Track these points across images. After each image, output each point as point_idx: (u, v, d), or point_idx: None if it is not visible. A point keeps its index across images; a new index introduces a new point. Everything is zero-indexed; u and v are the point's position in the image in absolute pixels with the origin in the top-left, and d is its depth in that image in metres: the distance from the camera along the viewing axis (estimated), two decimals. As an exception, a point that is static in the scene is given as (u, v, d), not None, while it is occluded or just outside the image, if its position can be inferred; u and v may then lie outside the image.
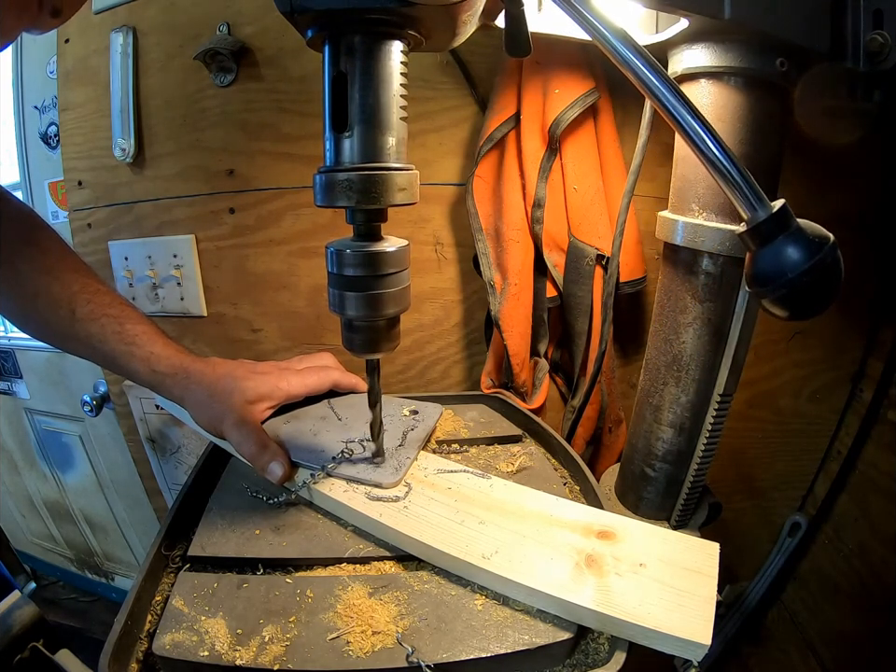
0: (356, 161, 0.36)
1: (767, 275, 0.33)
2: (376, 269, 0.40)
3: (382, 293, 0.40)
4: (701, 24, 0.44)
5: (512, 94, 0.66)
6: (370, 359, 0.46)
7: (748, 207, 0.33)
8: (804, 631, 0.81)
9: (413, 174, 0.38)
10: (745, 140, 0.47)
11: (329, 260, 0.41)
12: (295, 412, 0.59)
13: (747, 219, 0.34)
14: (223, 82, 0.75)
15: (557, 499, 0.48)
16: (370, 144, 0.36)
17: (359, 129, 0.35)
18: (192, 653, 0.36)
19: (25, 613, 0.43)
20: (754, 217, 0.33)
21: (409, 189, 0.38)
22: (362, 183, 0.36)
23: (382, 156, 0.36)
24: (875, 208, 0.69)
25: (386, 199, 0.37)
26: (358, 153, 0.36)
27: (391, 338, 0.44)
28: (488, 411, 0.67)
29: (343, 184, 0.36)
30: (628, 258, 0.69)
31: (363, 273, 0.40)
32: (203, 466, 0.55)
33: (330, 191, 0.37)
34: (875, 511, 0.72)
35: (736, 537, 0.85)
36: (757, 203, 0.33)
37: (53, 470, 1.31)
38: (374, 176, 0.36)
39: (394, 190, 0.37)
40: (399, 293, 0.42)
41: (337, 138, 0.36)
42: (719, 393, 0.53)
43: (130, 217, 0.85)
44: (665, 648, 0.36)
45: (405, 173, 0.38)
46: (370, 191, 0.36)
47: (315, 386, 0.60)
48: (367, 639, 0.36)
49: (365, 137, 0.36)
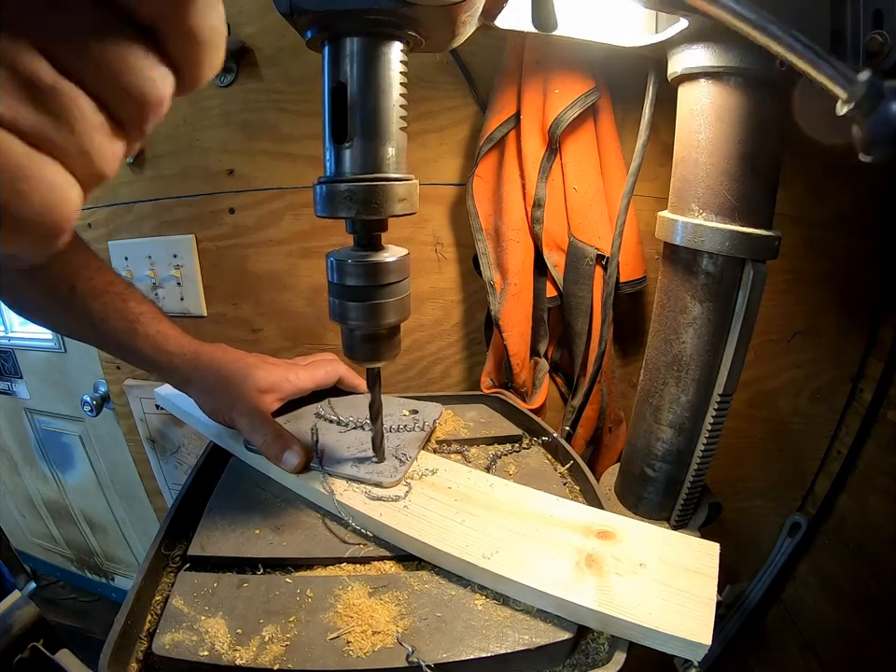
0: (356, 171, 0.36)
1: (891, 132, 0.33)
2: (377, 279, 0.40)
3: (383, 303, 0.41)
4: (701, 24, 0.44)
5: (512, 94, 0.66)
6: (371, 368, 0.46)
7: (845, 85, 0.33)
8: (804, 631, 0.81)
9: (412, 184, 0.39)
10: (745, 140, 0.47)
11: (330, 270, 0.41)
12: (296, 411, 0.59)
13: (846, 97, 0.33)
14: (223, 82, 0.75)
15: (557, 499, 0.48)
16: (370, 155, 0.36)
17: (359, 140, 0.36)
18: (192, 653, 0.36)
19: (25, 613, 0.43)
20: (853, 91, 0.33)
21: (409, 200, 0.38)
22: (363, 194, 0.36)
23: (382, 166, 0.37)
24: (875, 208, 0.69)
25: (387, 209, 0.37)
26: (359, 164, 0.36)
27: (392, 346, 0.44)
28: (488, 411, 0.67)
29: (345, 195, 0.36)
30: (628, 258, 0.69)
31: (364, 283, 0.40)
32: (202, 466, 0.55)
33: (331, 202, 0.37)
34: (875, 510, 0.72)
35: (736, 537, 0.85)
36: (851, 79, 0.33)
37: (53, 470, 1.31)
38: (375, 188, 0.36)
39: (394, 201, 0.37)
40: (399, 302, 0.42)
41: (337, 149, 0.36)
42: (719, 393, 0.53)
43: (130, 216, 0.85)
44: (666, 648, 0.36)
45: (405, 183, 0.38)
46: (370, 202, 0.36)
47: (323, 380, 0.59)
48: (367, 639, 0.36)
49: (365, 148, 0.36)
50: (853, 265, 0.72)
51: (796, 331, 0.76)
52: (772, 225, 0.51)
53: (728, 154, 0.48)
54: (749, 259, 0.49)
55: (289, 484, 0.51)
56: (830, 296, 0.74)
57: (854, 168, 0.67)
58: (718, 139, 0.48)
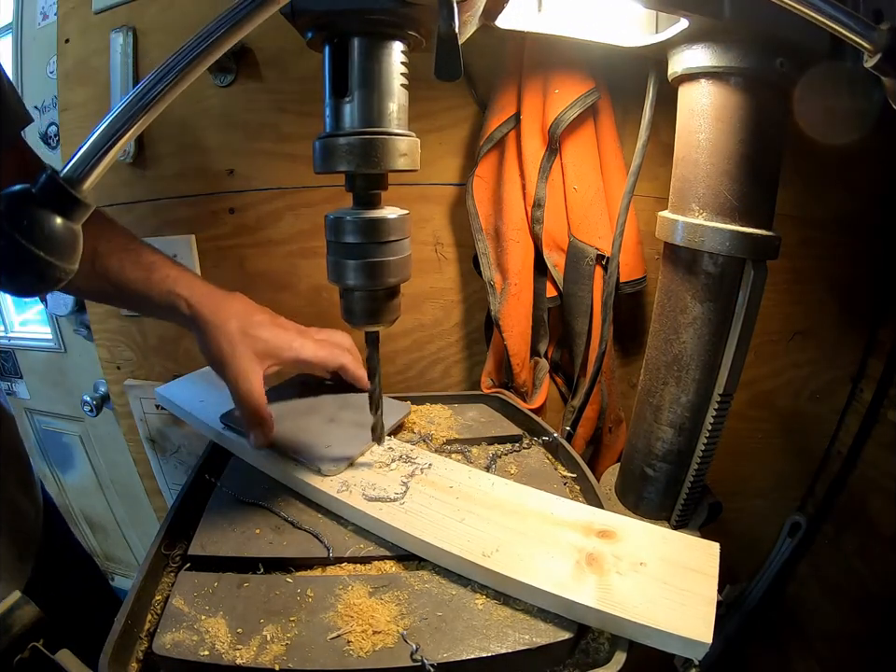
0: (356, 125, 0.35)
1: None
2: (376, 236, 0.39)
3: (382, 261, 0.40)
4: (701, 24, 0.44)
5: (512, 94, 0.66)
6: (370, 332, 0.45)
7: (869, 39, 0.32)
8: (803, 631, 0.81)
9: (414, 140, 0.38)
10: (745, 140, 0.47)
11: (329, 228, 0.40)
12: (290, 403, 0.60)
13: (871, 49, 0.33)
14: (223, 82, 0.75)
15: (558, 498, 0.48)
16: (370, 108, 0.35)
17: (360, 94, 0.35)
18: (193, 653, 0.36)
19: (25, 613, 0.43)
20: (877, 41, 0.32)
21: (410, 155, 0.37)
22: (363, 147, 0.35)
23: (383, 121, 0.36)
24: (875, 208, 0.69)
25: (387, 163, 0.36)
26: (359, 118, 0.35)
27: (391, 309, 0.43)
28: (488, 410, 0.67)
29: (344, 148, 0.35)
30: (628, 258, 0.69)
31: (363, 241, 0.39)
32: (202, 466, 0.55)
33: (330, 156, 0.36)
34: (875, 510, 0.72)
35: (736, 537, 0.85)
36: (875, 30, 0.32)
37: (53, 470, 1.31)
38: (375, 140, 0.35)
39: (395, 155, 0.36)
40: (399, 261, 0.41)
41: (337, 104, 0.36)
42: (719, 393, 0.53)
43: (130, 217, 0.84)
44: (666, 646, 0.36)
45: (406, 138, 0.37)
46: (370, 155, 0.35)
47: (325, 359, 0.58)
48: (367, 639, 0.36)
49: (366, 102, 0.35)
50: (853, 265, 0.72)
51: (796, 331, 0.76)
52: (772, 225, 0.51)
53: (728, 154, 0.48)
54: (750, 259, 0.49)
55: (290, 483, 0.51)
56: (830, 296, 0.74)
57: (854, 168, 0.67)
58: (718, 139, 0.48)
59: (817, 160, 0.64)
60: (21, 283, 0.26)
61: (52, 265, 0.26)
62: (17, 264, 0.25)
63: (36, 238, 0.25)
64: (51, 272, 0.26)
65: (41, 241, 0.25)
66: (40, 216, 0.25)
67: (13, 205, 0.25)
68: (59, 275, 0.27)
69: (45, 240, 0.25)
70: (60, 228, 0.26)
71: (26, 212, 0.25)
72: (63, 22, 0.81)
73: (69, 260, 0.27)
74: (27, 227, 0.25)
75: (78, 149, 0.26)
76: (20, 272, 0.26)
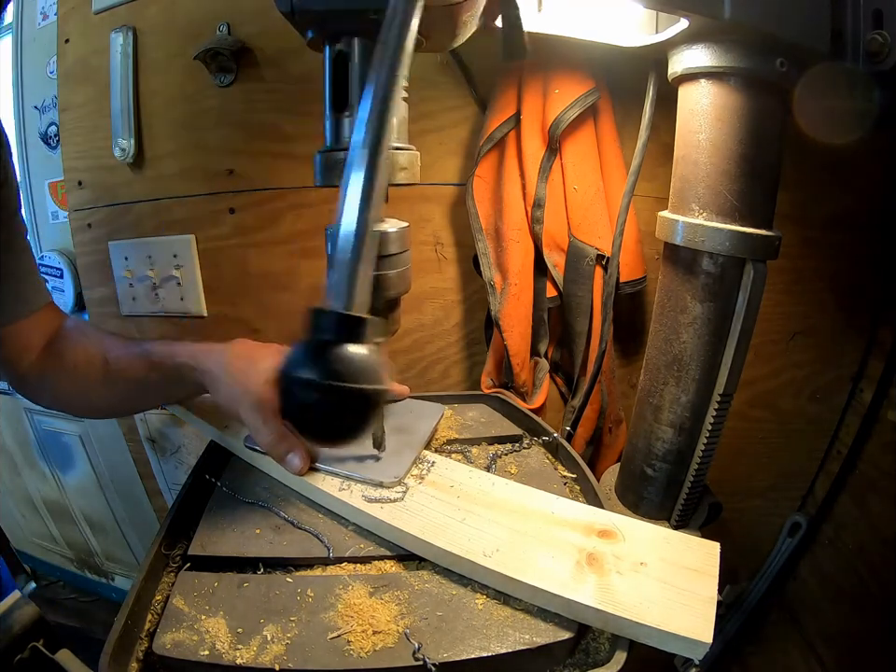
0: None
1: None
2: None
3: (381, 275, 0.40)
4: (701, 24, 0.44)
5: (512, 94, 0.66)
6: None
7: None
8: (804, 631, 0.81)
9: (414, 153, 0.38)
10: (745, 140, 0.47)
11: (328, 243, 0.40)
12: None
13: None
14: (223, 82, 0.75)
15: (558, 498, 0.48)
16: None
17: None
18: (193, 653, 0.36)
19: (25, 613, 0.43)
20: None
21: (410, 169, 0.38)
22: None
23: None
24: (875, 208, 0.69)
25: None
26: None
27: (391, 321, 0.43)
28: (488, 410, 0.67)
29: (344, 163, 0.36)
30: (628, 258, 0.69)
31: None
32: (202, 466, 0.55)
33: (331, 170, 0.36)
34: (875, 510, 0.72)
35: (736, 537, 0.85)
36: None
37: (53, 470, 1.31)
38: None
39: (395, 169, 0.37)
40: (399, 275, 0.41)
41: (337, 118, 0.36)
42: (719, 393, 0.53)
43: (130, 216, 0.85)
44: (667, 646, 0.36)
45: (406, 152, 0.37)
46: None
47: None
48: (367, 639, 0.36)
49: None
50: (853, 265, 0.72)
51: (796, 331, 0.76)
52: (772, 225, 0.51)
53: (728, 154, 0.48)
54: (750, 258, 0.49)
55: (291, 483, 0.51)
56: (830, 296, 0.74)
57: (854, 168, 0.67)
58: (718, 139, 0.48)
59: (817, 160, 0.64)
60: (349, 427, 0.28)
61: (378, 392, 0.27)
62: (342, 412, 0.26)
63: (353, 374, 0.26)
64: (377, 397, 0.27)
65: (357, 375, 0.26)
66: (345, 353, 0.26)
67: (317, 357, 0.26)
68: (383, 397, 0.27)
69: (360, 372, 0.26)
70: (366, 354, 0.26)
71: (331, 356, 0.26)
72: (63, 22, 0.81)
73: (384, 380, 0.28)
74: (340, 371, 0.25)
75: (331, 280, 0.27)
76: (345, 416, 0.27)
